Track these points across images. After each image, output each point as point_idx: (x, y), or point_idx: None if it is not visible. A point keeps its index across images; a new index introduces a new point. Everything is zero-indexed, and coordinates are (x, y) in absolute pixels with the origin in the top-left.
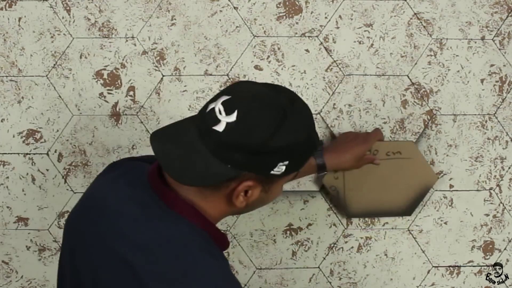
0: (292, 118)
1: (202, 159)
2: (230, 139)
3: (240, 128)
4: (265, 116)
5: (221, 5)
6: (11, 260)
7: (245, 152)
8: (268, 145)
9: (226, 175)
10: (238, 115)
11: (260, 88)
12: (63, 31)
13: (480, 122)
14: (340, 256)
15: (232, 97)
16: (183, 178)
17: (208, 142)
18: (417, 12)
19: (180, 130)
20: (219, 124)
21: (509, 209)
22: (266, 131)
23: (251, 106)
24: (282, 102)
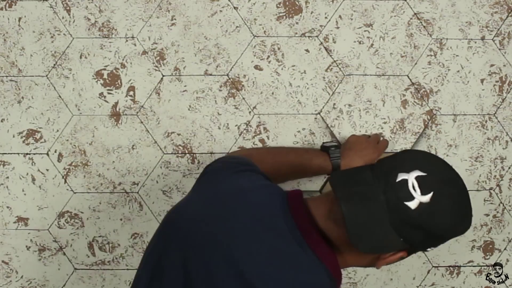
0: (470, 210)
1: (382, 229)
2: (418, 219)
3: (432, 212)
4: (456, 207)
5: (221, 5)
6: (11, 260)
7: (426, 234)
8: (450, 232)
9: (396, 248)
10: (433, 198)
11: (448, 171)
12: (63, 31)
13: (480, 122)
14: None
15: (428, 176)
16: (360, 244)
17: (394, 215)
18: (417, 12)
19: (367, 193)
20: (412, 202)
21: (509, 209)
22: (453, 222)
23: (446, 192)
24: (466, 191)
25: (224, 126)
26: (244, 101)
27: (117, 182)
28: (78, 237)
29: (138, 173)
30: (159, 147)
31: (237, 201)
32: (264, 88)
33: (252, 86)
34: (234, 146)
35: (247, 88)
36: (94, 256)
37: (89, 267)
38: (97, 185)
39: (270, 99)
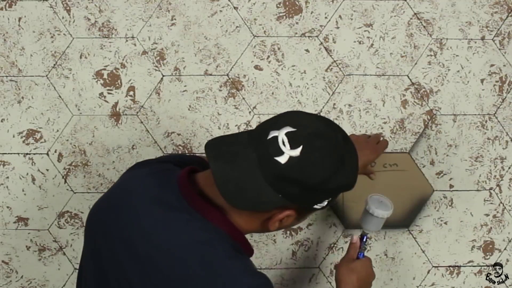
0: (348, 164)
1: (257, 186)
2: (290, 173)
3: (302, 165)
4: (326, 158)
5: (221, 5)
6: (11, 260)
7: (301, 187)
8: (324, 185)
9: (276, 204)
10: (302, 151)
11: (318, 123)
12: (63, 31)
13: (480, 122)
14: (340, 256)
15: (297, 131)
16: (235, 201)
17: (266, 170)
18: (417, 12)
19: (239, 152)
20: (281, 156)
21: (509, 209)
22: (325, 173)
23: (315, 146)
24: (340, 144)
25: (224, 126)
26: (244, 101)
27: None
28: (78, 237)
29: None
30: (159, 147)
31: (132, 185)
32: (264, 88)
33: (252, 86)
34: None
35: (247, 88)
36: None
37: None
38: (97, 185)
39: (270, 99)
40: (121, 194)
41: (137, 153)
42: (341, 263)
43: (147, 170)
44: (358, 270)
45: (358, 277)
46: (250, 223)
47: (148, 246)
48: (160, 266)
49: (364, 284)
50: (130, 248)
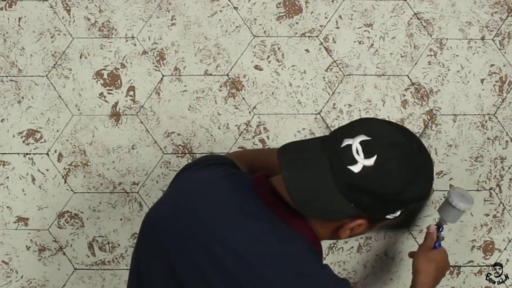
0: (423, 174)
1: (329, 194)
2: (363, 183)
3: (376, 175)
4: (402, 169)
5: (221, 5)
6: (11, 260)
7: (374, 197)
8: (398, 196)
9: (347, 213)
10: (377, 161)
11: (392, 131)
12: (63, 31)
13: (480, 122)
14: (340, 256)
15: (372, 140)
16: (305, 208)
17: (339, 179)
18: (417, 12)
19: (312, 159)
20: (355, 165)
21: (509, 209)
22: (400, 184)
23: (390, 155)
24: (415, 153)
25: (224, 126)
26: (244, 101)
27: (117, 182)
28: (78, 237)
29: (138, 173)
30: (159, 147)
31: (206, 191)
32: (264, 88)
33: (252, 86)
34: (234, 145)
35: (247, 88)
36: (94, 256)
37: (89, 267)
38: (97, 185)
39: (270, 99)
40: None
41: (137, 153)
42: (419, 252)
43: (220, 171)
44: (436, 260)
45: (436, 267)
46: (323, 231)
47: (228, 255)
48: (240, 278)
49: (441, 273)
50: (207, 250)
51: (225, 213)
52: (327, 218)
